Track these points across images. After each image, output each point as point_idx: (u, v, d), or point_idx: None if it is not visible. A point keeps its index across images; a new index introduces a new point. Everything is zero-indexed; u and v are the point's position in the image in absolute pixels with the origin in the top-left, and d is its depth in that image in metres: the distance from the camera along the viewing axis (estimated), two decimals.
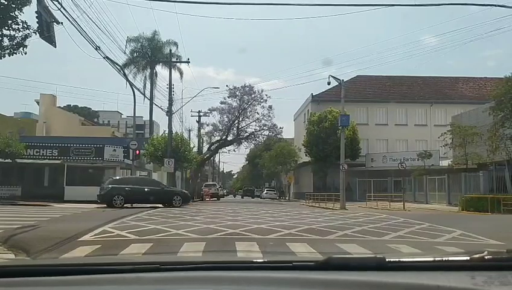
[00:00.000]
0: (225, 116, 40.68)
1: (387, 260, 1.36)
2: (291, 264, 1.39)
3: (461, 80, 46.92)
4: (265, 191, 52.71)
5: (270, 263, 1.52)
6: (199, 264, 1.43)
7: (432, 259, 1.47)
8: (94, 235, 9.12)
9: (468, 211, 20.05)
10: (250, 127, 41.63)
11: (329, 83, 26.59)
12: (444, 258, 1.45)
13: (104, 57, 20.12)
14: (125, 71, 32.79)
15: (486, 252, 1.42)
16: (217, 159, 68.67)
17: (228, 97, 39.94)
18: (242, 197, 59.66)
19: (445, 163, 31.20)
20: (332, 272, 1.28)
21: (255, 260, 1.56)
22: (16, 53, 10.68)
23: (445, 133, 26.78)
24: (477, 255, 1.41)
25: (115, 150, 27.34)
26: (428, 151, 33.14)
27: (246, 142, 43.37)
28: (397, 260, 1.44)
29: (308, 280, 1.22)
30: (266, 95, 40.18)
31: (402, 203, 23.48)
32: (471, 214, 18.86)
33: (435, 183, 29.50)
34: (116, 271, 1.37)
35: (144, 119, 57.95)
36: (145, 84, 38.22)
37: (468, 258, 1.42)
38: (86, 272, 1.37)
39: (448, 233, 10.04)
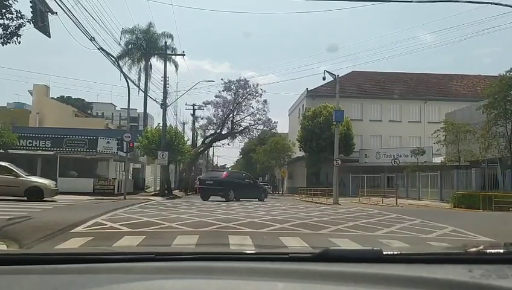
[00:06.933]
0: (220, 109, 40.65)
1: (384, 252, 1.36)
2: (287, 256, 1.39)
3: (455, 77, 47.11)
4: None
5: (266, 255, 1.51)
6: (194, 255, 1.43)
7: (428, 252, 1.47)
8: (87, 227, 9.12)
9: (460, 207, 20.20)
10: (245, 121, 41.63)
11: (324, 78, 26.57)
12: (441, 252, 1.46)
13: (98, 48, 19.91)
14: (120, 63, 32.54)
15: (482, 246, 1.43)
16: (211, 153, 68.53)
17: (223, 91, 39.88)
18: None
19: (438, 160, 31.41)
20: (330, 263, 1.27)
21: (250, 252, 1.55)
22: (9, 42, 10.55)
23: (438, 130, 26.95)
24: (474, 249, 1.41)
25: (108, 142, 27.19)
26: (422, 148, 33.32)
27: (240, 136, 43.39)
28: (394, 252, 1.44)
29: (305, 271, 1.21)
30: (261, 89, 40.17)
31: (395, 199, 23.60)
32: (463, 211, 18.99)
33: (427, 179, 29.66)
34: (111, 260, 1.35)
35: (138, 111, 57.70)
36: (139, 77, 38.00)
37: (465, 251, 1.43)
38: (79, 261, 1.36)
39: (440, 229, 10.12)
